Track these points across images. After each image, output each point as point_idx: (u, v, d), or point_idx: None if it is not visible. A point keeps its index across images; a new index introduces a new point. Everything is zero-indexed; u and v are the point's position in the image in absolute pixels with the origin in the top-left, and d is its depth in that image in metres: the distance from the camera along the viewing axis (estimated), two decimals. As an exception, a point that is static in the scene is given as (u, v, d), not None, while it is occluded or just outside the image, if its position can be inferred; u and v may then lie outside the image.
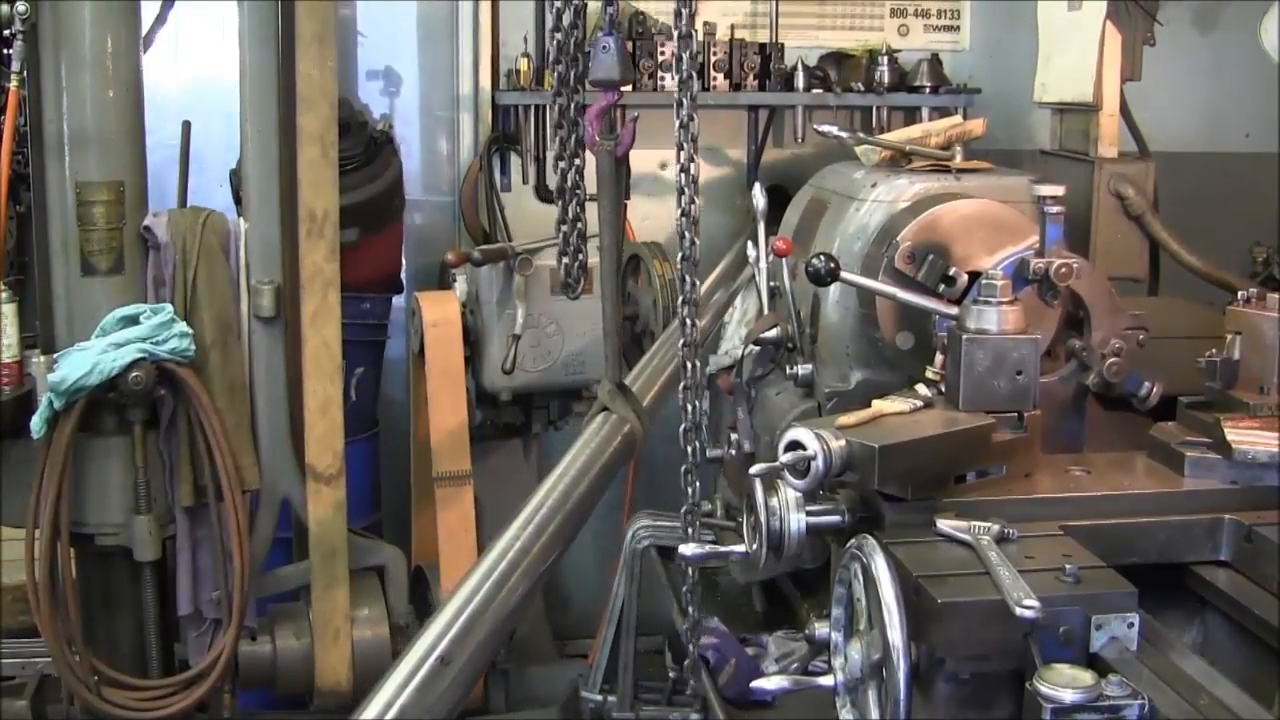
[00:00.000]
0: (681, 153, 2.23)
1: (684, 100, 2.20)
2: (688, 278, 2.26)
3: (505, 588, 2.26)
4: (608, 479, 2.52)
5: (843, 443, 1.83)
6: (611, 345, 2.64)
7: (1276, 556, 1.85)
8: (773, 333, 2.60)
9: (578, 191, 2.64)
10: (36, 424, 2.95)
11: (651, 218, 4.12)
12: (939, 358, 2.17)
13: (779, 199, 3.00)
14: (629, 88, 3.79)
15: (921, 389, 2.09)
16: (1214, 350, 2.18)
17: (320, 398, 3.21)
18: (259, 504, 3.38)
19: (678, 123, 2.22)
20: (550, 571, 2.48)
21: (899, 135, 2.81)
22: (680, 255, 2.28)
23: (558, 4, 2.54)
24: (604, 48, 2.41)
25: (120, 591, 3.21)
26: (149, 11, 3.26)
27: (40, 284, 3.12)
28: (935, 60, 4.18)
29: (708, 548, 2.24)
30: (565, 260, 2.70)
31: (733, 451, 2.74)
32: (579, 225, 2.67)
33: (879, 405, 2.00)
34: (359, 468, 3.73)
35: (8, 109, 2.94)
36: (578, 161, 2.61)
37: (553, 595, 4.21)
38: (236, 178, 3.61)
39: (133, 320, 3.00)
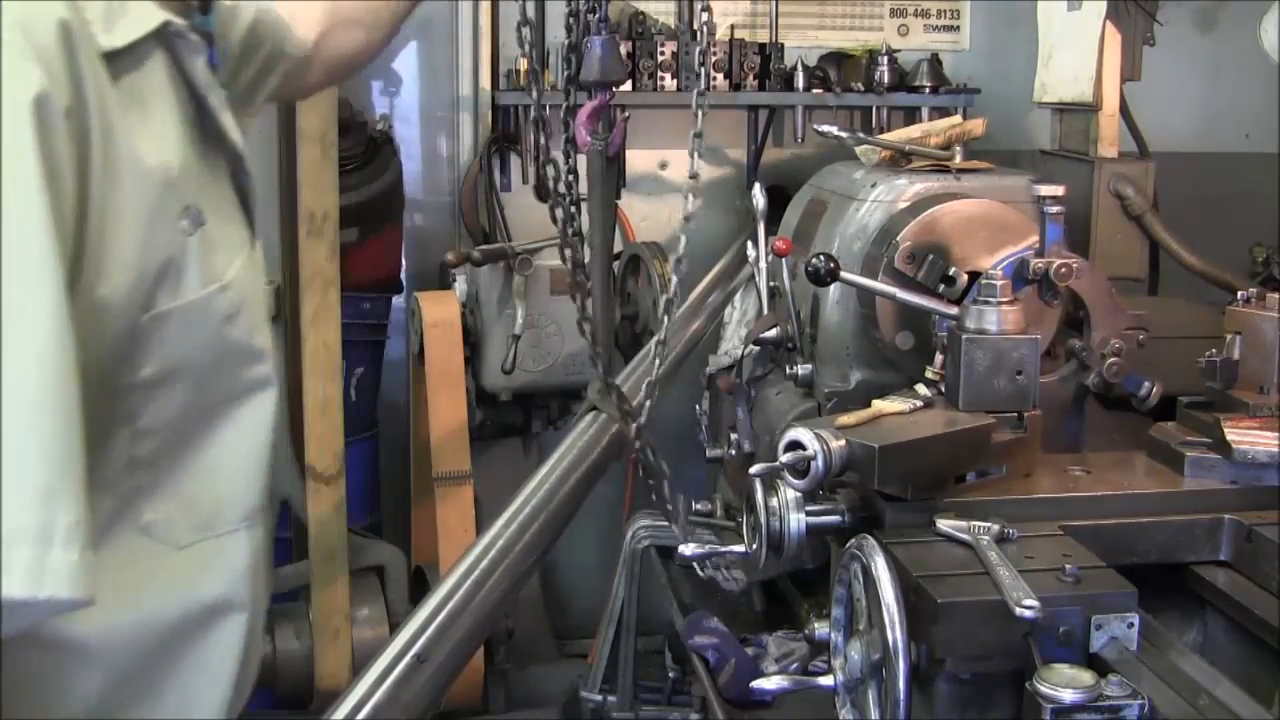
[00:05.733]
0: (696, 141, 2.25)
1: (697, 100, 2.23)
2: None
3: (485, 586, 2.25)
4: (594, 479, 2.52)
5: (842, 443, 1.83)
6: (601, 345, 2.64)
7: (1276, 556, 1.85)
8: (773, 333, 2.60)
9: (570, 191, 2.64)
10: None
11: (651, 218, 4.12)
12: (939, 358, 2.17)
13: (779, 199, 3.00)
14: (628, 86, 3.82)
15: (921, 389, 2.09)
16: (1214, 350, 2.18)
17: (320, 398, 3.22)
18: (259, 504, 3.37)
19: (700, 115, 2.22)
20: (533, 571, 2.47)
21: (899, 135, 2.81)
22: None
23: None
24: (591, 48, 2.42)
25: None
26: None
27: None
28: (935, 60, 4.18)
29: (708, 548, 2.24)
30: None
31: (733, 451, 2.74)
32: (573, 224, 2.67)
33: (879, 405, 2.00)
34: (358, 468, 3.73)
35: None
36: (570, 162, 2.62)
37: (553, 595, 4.21)
38: (236, 178, 3.61)
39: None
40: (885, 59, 4.08)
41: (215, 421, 1.28)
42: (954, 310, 2.18)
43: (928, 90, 4.12)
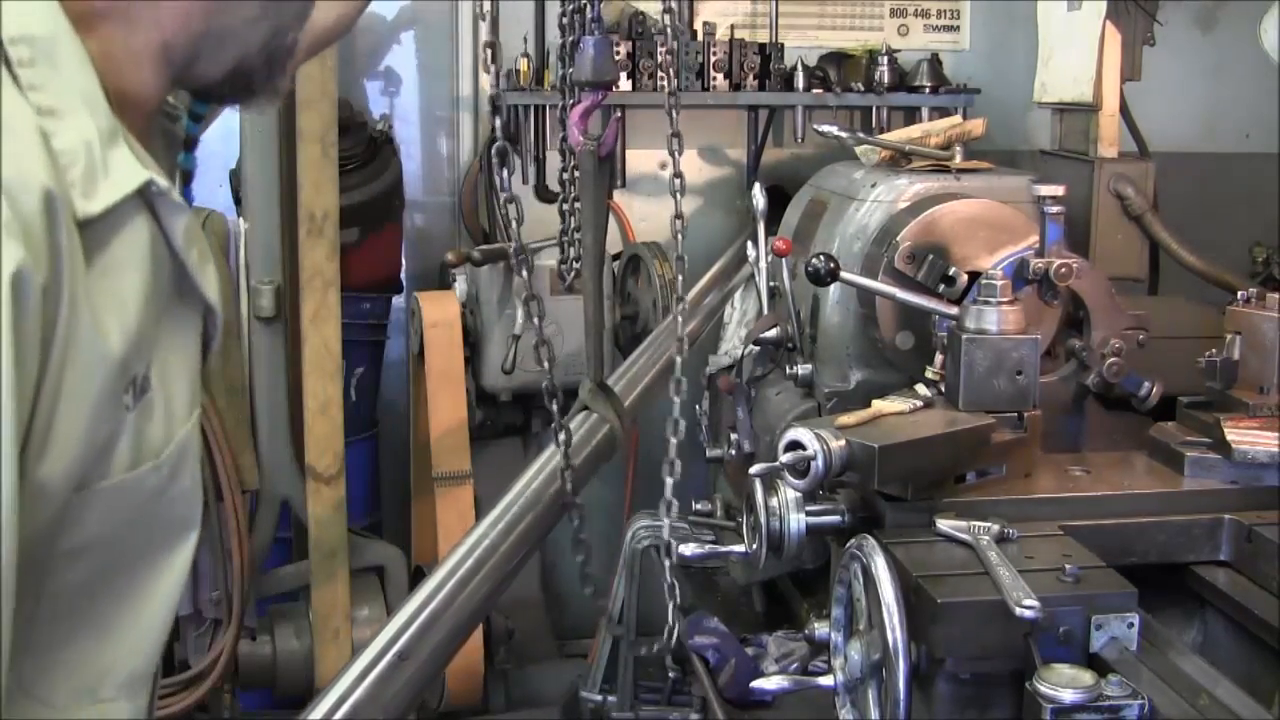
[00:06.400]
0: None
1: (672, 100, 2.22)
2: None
3: (469, 586, 2.25)
4: (584, 479, 2.52)
5: (842, 443, 1.83)
6: (593, 345, 2.64)
7: (1276, 556, 1.85)
8: (773, 333, 2.61)
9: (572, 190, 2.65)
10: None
11: (650, 218, 4.12)
12: (939, 358, 2.17)
13: (779, 199, 3.00)
14: (628, 85, 3.82)
15: (921, 389, 2.09)
16: (1214, 350, 2.18)
17: (320, 398, 3.21)
18: (259, 504, 3.38)
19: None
20: (518, 571, 2.48)
21: (899, 135, 2.81)
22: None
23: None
24: (584, 49, 2.42)
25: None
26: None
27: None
28: (935, 60, 4.18)
29: (708, 548, 2.24)
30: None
31: (733, 451, 2.74)
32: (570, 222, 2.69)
33: (879, 405, 2.00)
34: (359, 468, 3.73)
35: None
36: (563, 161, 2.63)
37: (553, 595, 4.21)
38: (236, 178, 3.61)
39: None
40: (885, 59, 4.07)
41: (118, 589, 1.18)
42: (954, 310, 2.18)
43: (928, 90, 4.12)
